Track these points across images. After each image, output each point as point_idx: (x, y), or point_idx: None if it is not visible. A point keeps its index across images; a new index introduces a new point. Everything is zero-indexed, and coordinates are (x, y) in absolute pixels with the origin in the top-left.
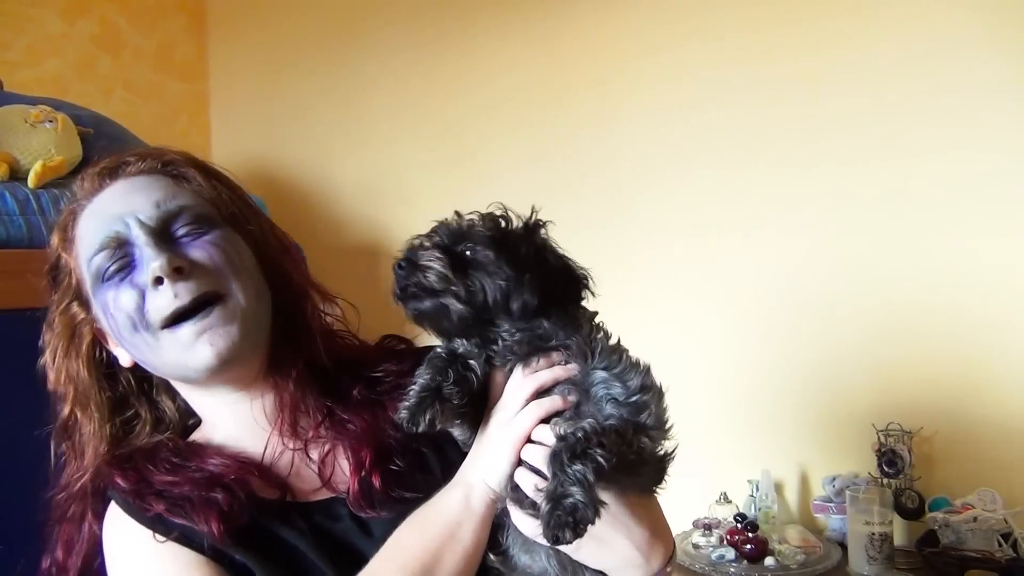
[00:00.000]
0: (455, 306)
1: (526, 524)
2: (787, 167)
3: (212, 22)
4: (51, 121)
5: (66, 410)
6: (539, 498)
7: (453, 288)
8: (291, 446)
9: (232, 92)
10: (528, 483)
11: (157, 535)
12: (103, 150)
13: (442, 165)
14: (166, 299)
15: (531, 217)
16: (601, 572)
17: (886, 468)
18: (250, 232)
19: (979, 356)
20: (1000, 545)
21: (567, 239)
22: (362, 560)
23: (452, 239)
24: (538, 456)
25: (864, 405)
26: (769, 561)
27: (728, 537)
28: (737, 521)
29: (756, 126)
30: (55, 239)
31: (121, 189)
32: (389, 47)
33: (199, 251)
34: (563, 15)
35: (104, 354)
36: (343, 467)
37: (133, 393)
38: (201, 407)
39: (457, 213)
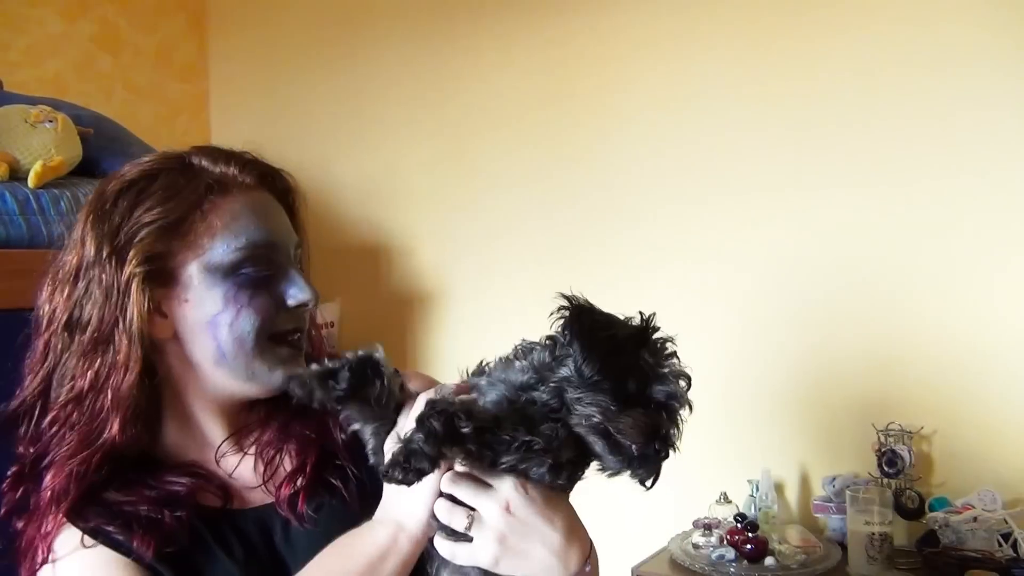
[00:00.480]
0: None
1: (445, 548)
2: (787, 166)
3: (212, 22)
4: (51, 121)
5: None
6: (457, 526)
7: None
8: (242, 446)
9: (232, 92)
10: (445, 514)
11: (86, 538)
12: (103, 150)
13: (442, 165)
14: (295, 323)
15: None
16: None
17: (886, 468)
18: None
19: (979, 356)
20: (1000, 545)
21: (567, 239)
22: (287, 574)
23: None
24: (444, 482)
25: (864, 405)
26: (769, 561)
27: (728, 537)
28: (737, 521)
29: (757, 126)
30: (187, 197)
31: (266, 202)
32: (389, 47)
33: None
34: (564, 16)
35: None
36: (284, 470)
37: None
38: (194, 406)
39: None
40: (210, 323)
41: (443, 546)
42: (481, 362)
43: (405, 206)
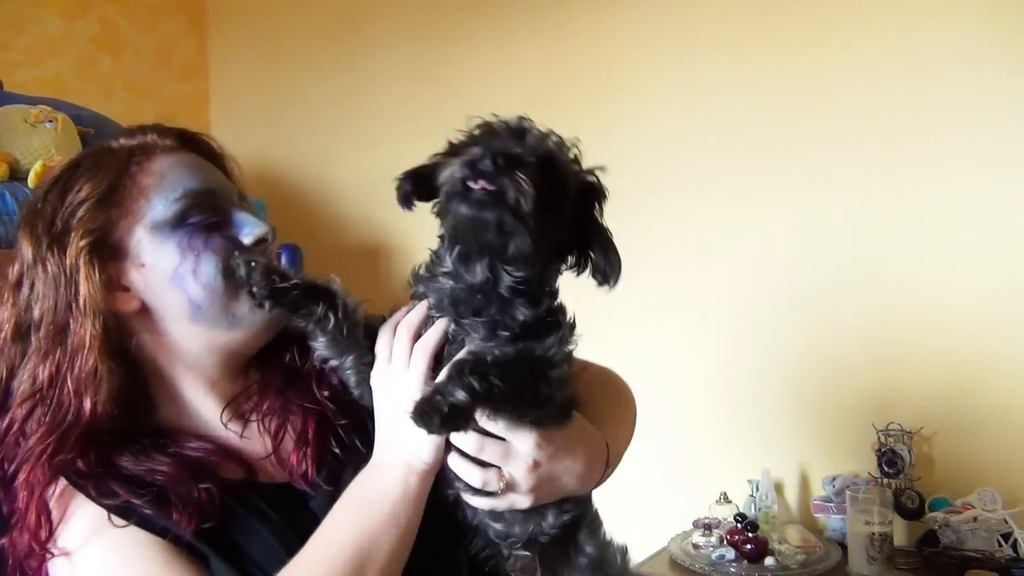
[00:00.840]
0: (519, 240)
1: (482, 503)
2: (788, 165)
3: (212, 22)
4: (51, 121)
5: (51, 360)
6: (493, 488)
7: (530, 224)
8: (243, 414)
9: (232, 92)
10: (479, 479)
11: (115, 519)
12: None
13: None
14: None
15: (597, 180)
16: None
17: (886, 468)
18: None
19: (979, 356)
20: (1000, 545)
21: None
22: None
23: (509, 162)
24: (469, 444)
25: (864, 405)
26: (769, 561)
27: (728, 537)
28: (737, 521)
29: (758, 124)
30: (113, 167)
31: (196, 161)
32: (390, 47)
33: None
34: (563, 15)
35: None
36: (290, 440)
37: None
38: (178, 375)
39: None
40: (173, 278)
41: (479, 502)
42: (415, 269)
43: None
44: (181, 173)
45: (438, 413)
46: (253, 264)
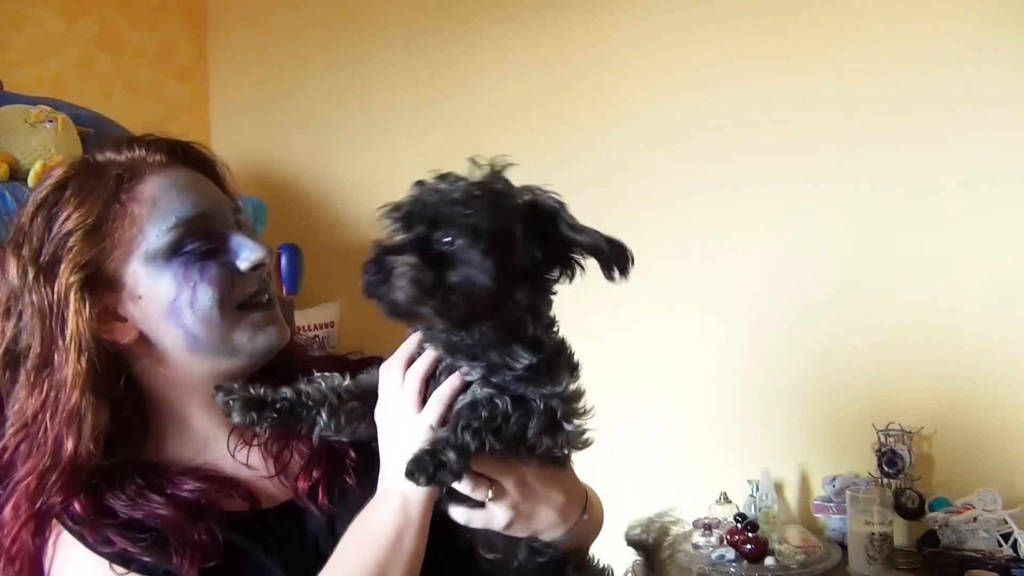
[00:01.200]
0: (431, 321)
1: (460, 514)
2: (787, 166)
3: (212, 22)
4: (51, 121)
5: (36, 399)
6: (479, 497)
7: (430, 304)
8: (250, 442)
9: (232, 92)
10: (467, 487)
11: (116, 567)
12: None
13: (442, 165)
14: (253, 285)
15: (539, 195)
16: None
17: (886, 468)
18: None
19: (979, 356)
20: (1000, 545)
21: None
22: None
23: (429, 224)
24: (476, 464)
25: (864, 405)
26: (769, 561)
27: (728, 537)
28: (737, 521)
29: (759, 123)
30: (103, 191)
31: (188, 177)
32: (390, 47)
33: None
34: (563, 14)
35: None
36: (297, 462)
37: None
38: (184, 406)
39: (440, 176)
40: (169, 311)
41: (458, 512)
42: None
43: None
44: (173, 197)
45: (424, 473)
46: (231, 401)
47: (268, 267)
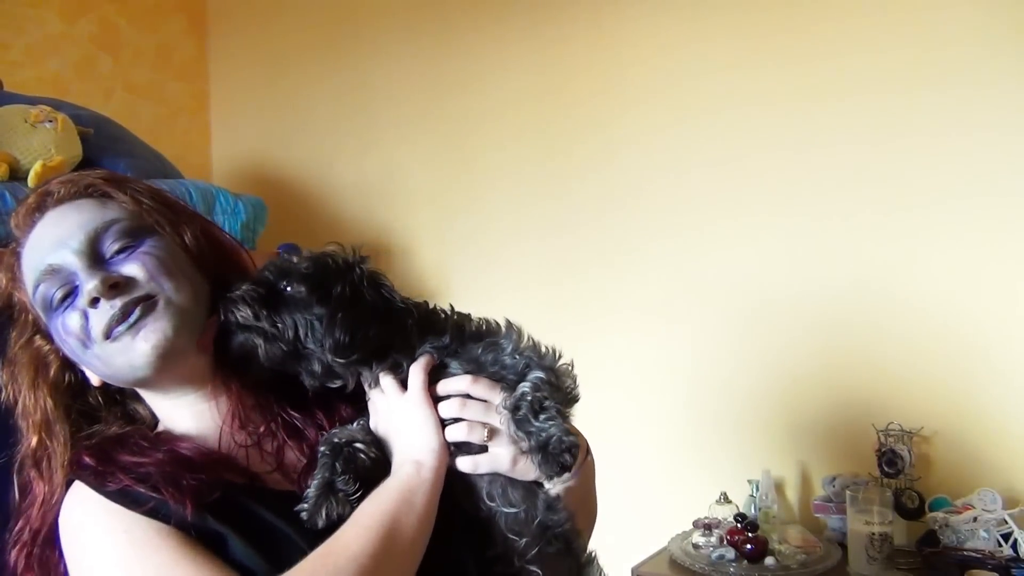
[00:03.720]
0: (261, 345)
1: (466, 463)
2: (786, 167)
3: (212, 22)
4: (51, 121)
5: (34, 440)
6: (476, 440)
7: (259, 325)
8: (241, 442)
9: (232, 92)
10: (463, 434)
11: (127, 507)
12: (103, 150)
13: (442, 165)
14: (105, 315)
15: (351, 254)
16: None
17: (886, 468)
18: (182, 236)
19: (979, 356)
20: (1000, 545)
21: (568, 238)
22: None
23: (276, 275)
24: (451, 409)
25: (864, 405)
26: (769, 561)
27: (728, 537)
28: (737, 521)
29: (759, 126)
30: (3, 280)
31: (50, 220)
32: (390, 47)
33: (132, 264)
34: (564, 17)
35: (73, 377)
36: (295, 460)
37: (103, 408)
38: (165, 412)
39: (295, 253)
40: (71, 356)
41: (463, 462)
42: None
43: (405, 206)
44: (31, 263)
45: (562, 454)
46: (318, 519)
47: (121, 285)
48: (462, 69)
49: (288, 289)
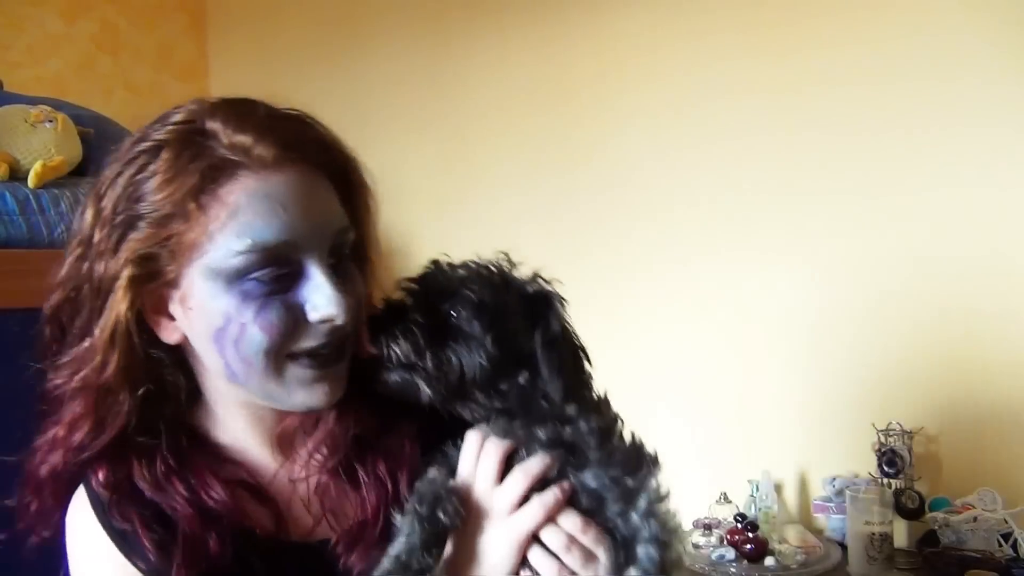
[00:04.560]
0: (423, 388)
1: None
2: (787, 167)
3: (212, 22)
4: (51, 121)
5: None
6: None
7: (422, 366)
8: (293, 474)
9: (232, 92)
10: (542, 567)
11: (124, 554)
12: (103, 150)
13: (442, 165)
14: (318, 339)
15: (538, 285)
16: None
17: (886, 468)
18: (366, 262)
19: (980, 356)
20: (1000, 545)
21: (568, 238)
22: None
23: (438, 296)
24: (555, 545)
25: (864, 405)
26: (769, 561)
27: (728, 537)
28: (737, 521)
29: (760, 123)
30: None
31: (301, 183)
32: (389, 47)
33: (349, 295)
34: (563, 14)
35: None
36: (345, 505)
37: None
38: (226, 406)
39: (449, 262)
40: (215, 336)
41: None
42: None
43: (405, 206)
44: (258, 213)
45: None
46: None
47: (345, 325)
48: (462, 68)
49: (454, 317)
